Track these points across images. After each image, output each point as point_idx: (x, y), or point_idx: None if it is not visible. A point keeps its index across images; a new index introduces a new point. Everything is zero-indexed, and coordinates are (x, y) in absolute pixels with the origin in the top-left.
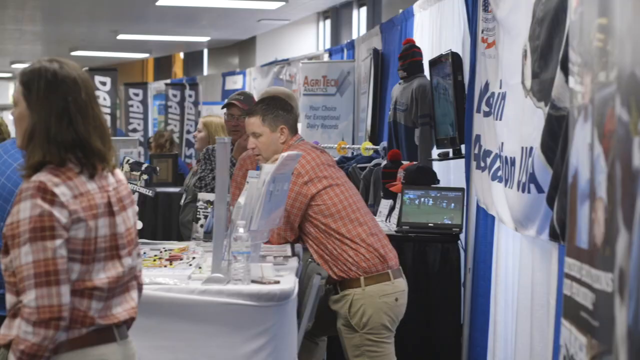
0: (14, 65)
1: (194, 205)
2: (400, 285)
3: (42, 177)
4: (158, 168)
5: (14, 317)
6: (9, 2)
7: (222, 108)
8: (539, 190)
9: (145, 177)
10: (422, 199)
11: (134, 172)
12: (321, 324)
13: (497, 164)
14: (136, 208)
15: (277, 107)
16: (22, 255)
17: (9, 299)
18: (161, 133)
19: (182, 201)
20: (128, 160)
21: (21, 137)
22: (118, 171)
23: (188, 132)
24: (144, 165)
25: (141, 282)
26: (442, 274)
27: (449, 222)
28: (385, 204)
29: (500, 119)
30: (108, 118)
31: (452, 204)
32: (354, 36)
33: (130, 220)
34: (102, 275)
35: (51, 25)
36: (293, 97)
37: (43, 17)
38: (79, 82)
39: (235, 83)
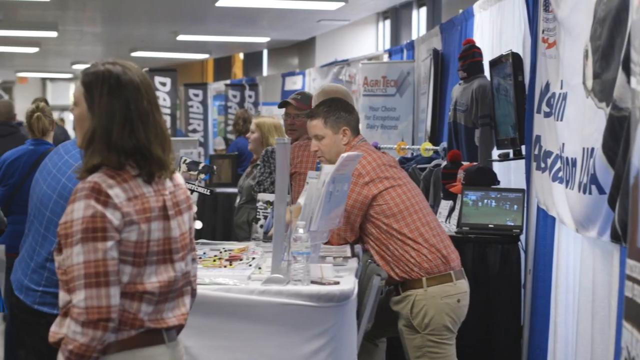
0: (74, 66)
1: (248, 207)
2: (462, 286)
3: (97, 178)
4: (215, 167)
5: (66, 315)
6: (70, 4)
7: (279, 107)
8: (601, 191)
9: (202, 176)
10: (484, 200)
11: (192, 172)
12: (381, 325)
13: (558, 164)
14: (193, 212)
15: (339, 109)
16: (73, 255)
17: (62, 296)
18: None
19: (237, 202)
20: (185, 160)
21: (81, 137)
22: (177, 175)
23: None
24: (201, 165)
25: (195, 288)
26: (502, 275)
27: (511, 223)
28: (445, 205)
29: (561, 120)
30: (168, 119)
31: (514, 206)
32: (414, 36)
33: (185, 225)
34: (154, 279)
35: (111, 26)
36: (350, 95)
37: (103, 18)
38: (142, 88)
39: (294, 84)
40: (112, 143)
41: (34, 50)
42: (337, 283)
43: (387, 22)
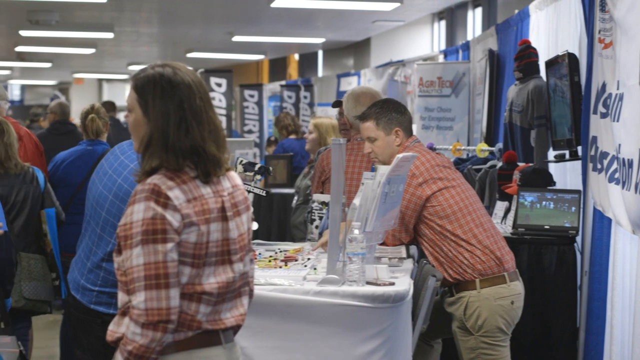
0: (130, 67)
1: (306, 207)
2: (516, 288)
3: (157, 179)
4: (271, 168)
5: (124, 315)
6: (126, 5)
7: (333, 107)
8: None
9: (258, 177)
10: (542, 202)
11: (248, 173)
12: (436, 326)
13: (614, 165)
14: (251, 212)
15: (391, 110)
16: (133, 257)
17: (121, 297)
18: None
19: (294, 203)
20: (241, 161)
21: (138, 142)
22: (235, 176)
23: (303, 133)
24: (257, 166)
25: (252, 289)
26: (558, 277)
27: (568, 224)
28: (500, 206)
29: (618, 121)
30: (224, 119)
31: (572, 207)
32: (469, 37)
33: (244, 225)
34: (212, 280)
35: (167, 27)
36: (380, 95)
37: (159, 19)
38: (194, 87)
39: (350, 84)
40: (169, 145)
41: (90, 51)
42: (392, 284)
43: (443, 23)
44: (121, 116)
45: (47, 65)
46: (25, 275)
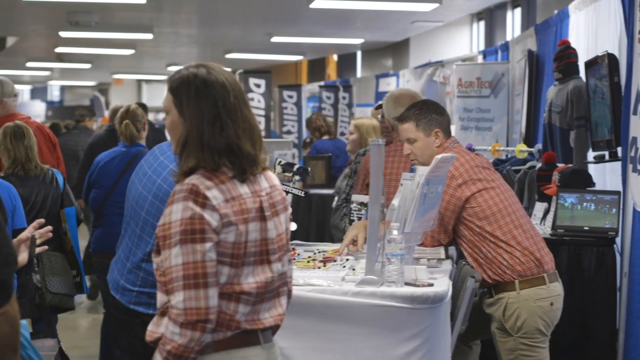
0: (169, 68)
1: (348, 208)
2: (555, 289)
3: (195, 180)
4: (309, 169)
5: (163, 315)
6: (165, 6)
7: (376, 109)
8: None
9: (297, 177)
10: (583, 203)
11: (286, 174)
12: (475, 327)
13: None
14: (289, 212)
15: (430, 111)
16: (172, 257)
17: (160, 297)
18: (312, 118)
19: (334, 203)
20: (280, 162)
21: (175, 144)
22: (273, 176)
23: (342, 134)
24: (296, 166)
25: (291, 289)
26: (598, 278)
27: (609, 225)
28: (539, 207)
29: None
30: (262, 120)
31: (612, 209)
32: (508, 37)
33: (282, 225)
34: (251, 280)
35: (206, 28)
36: (419, 96)
37: (199, 20)
38: (227, 86)
39: (388, 85)
40: (205, 143)
41: (129, 52)
42: (431, 285)
43: (482, 23)
44: (151, 116)
45: (87, 66)
46: (48, 271)
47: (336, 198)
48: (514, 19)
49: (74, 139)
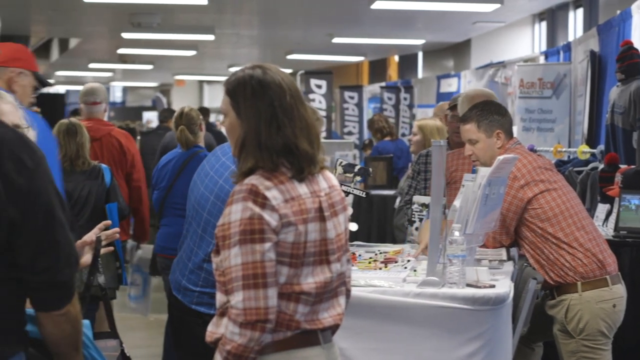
0: (231, 69)
1: (410, 209)
2: (618, 291)
3: (255, 180)
4: (371, 169)
5: (222, 315)
6: (227, 7)
7: (447, 109)
8: None
9: (358, 178)
10: None
11: (347, 174)
12: (537, 329)
13: None
14: (349, 213)
15: (492, 112)
16: (231, 257)
17: (219, 297)
18: (375, 119)
19: (397, 204)
20: (341, 163)
21: (234, 146)
22: (331, 176)
23: (403, 135)
24: (357, 167)
25: (349, 289)
26: None
27: None
28: (602, 209)
29: None
30: (324, 121)
31: None
32: (570, 38)
33: (341, 226)
34: (310, 280)
35: (267, 29)
36: (494, 97)
37: (260, 21)
38: (284, 85)
39: (450, 86)
40: (262, 143)
41: (191, 53)
42: (492, 286)
43: (543, 24)
44: (212, 117)
45: (149, 67)
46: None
47: (398, 199)
48: (575, 19)
49: (158, 139)
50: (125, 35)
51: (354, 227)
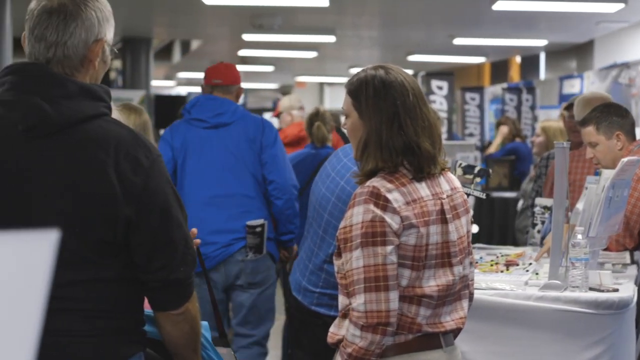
0: (351, 70)
1: (531, 211)
2: None
3: (376, 182)
4: (490, 171)
5: (344, 317)
6: (348, 9)
7: (564, 109)
8: None
9: (478, 180)
10: None
11: (467, 176)
12: None
13: None
14: (470, 215)
15: (611, 114)
16: (353, 260)
17: (341, 299)
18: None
19: (519, 206)
20: (461, 164)
21: (355, 147)
22: (454, 178)
23: (525, 137)
24: (477, 168)
25: (472, 292)
26: None
27: None
28: None
29: None
30: (445, 123)
31: None
32: None
33: (463, 228)
34: (432, 283)
35: (388, 30)
36: (611, 100)
37: (380, 22)
38: (406, 85)
39: (572, 87)
40: (384, 143)
41: (312, 54)
42: (616, 290)
43: None
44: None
45: (270, 68)
46: None
47: (521, 201)
48: None
49: None
50: (246, 37)
51: (474, 228)
